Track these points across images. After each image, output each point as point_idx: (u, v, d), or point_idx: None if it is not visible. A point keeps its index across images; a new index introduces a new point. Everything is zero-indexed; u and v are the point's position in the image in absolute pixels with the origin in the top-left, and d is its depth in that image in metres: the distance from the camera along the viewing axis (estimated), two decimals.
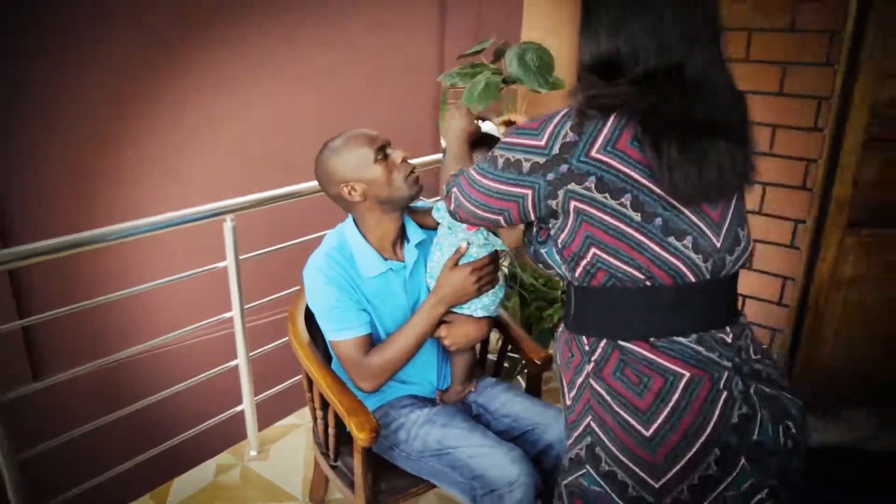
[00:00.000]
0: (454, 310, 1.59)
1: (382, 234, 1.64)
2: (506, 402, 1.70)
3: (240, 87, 3.98)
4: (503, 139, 1.05)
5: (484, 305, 1.61)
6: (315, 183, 1.66)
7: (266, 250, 2.25)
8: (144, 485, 2.17)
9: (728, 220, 1.01)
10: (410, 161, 1.61)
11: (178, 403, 2.38)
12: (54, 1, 3.27)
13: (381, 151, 1.56)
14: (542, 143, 0.97)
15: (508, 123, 1.55)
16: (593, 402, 1.00)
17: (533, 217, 1.04)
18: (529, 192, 1.00)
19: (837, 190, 2.32)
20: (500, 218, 1.08)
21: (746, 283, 2.47)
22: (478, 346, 1.79)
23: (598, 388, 1.00)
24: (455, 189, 1.16)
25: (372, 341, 1.60)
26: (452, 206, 1.18)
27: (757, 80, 2.27)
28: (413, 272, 1.67)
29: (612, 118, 0.94)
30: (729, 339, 0.99)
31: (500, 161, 1.03)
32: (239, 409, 2.32)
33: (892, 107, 2.22)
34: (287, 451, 2.36)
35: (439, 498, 2.11)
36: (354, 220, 1.65)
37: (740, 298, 2.50)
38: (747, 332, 1.05)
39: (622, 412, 0.97)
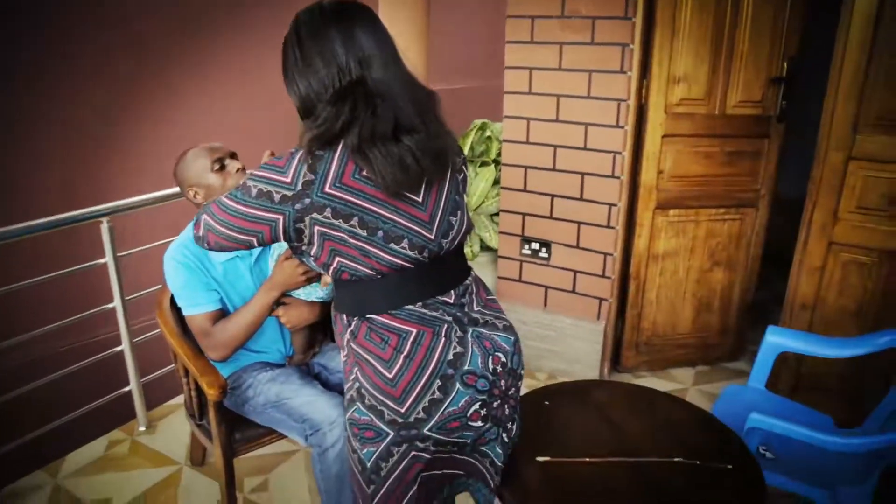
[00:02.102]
0: (293, 294, 1.91)
1: None
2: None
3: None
4: (254, 172, 1.22)
5: (319, 296, 1.93)
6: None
7: (141, 248, 2.53)
8: (40, 461, 2.42)
9: (439, 214, 1.28)
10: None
11: (76, 392, 2.64)
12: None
13: (219, 162, 1.87)
14: (289, 179, 1.18)
15: None
16: (355, 359, 1.32)
17: (282, 238, 1.24)
18: (281, 217, 1.20)
19: (644, 177, 2.75)
20: (254, 239, 1.25)
21: (575, 260, 2.88)
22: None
23: (356, 348, 1.31)
24: (205, 216, 1.29)
25: (221, 316, 1.90)
26: (201, 232, 1.31)
27: (570, 86, 2.68)
28: (258, 259, 1.98)
29: (336, 156, 1.17)
30: (451, 300, 1.31)
31: (254, 190, 1.20)
32: (126, 389, 2.59)
33: (679, 107, 2.66)
34: (174, 425, 2.64)
35: (285, 445, 2.44)
36: None
37: (572, 273, 2.91)
38: (471, 290, 1.37)
39: (374, 362, 1.28)
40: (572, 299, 2.95)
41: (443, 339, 1.27)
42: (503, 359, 1.33)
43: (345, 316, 1.34)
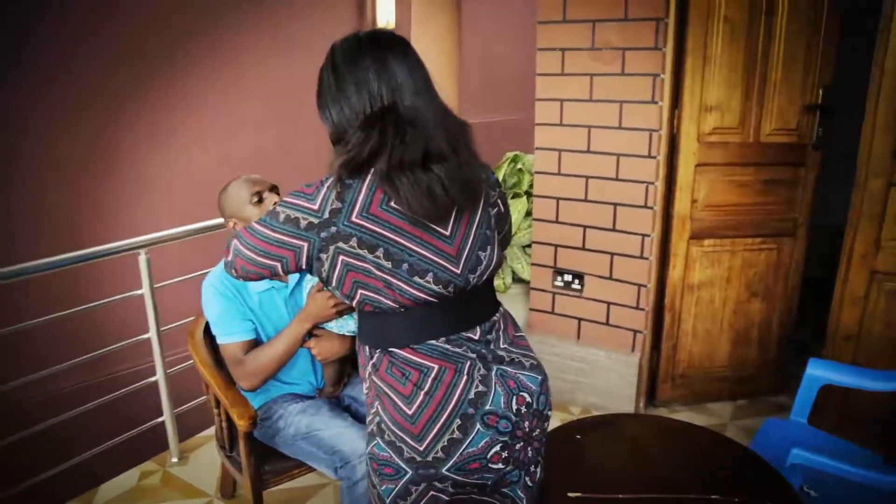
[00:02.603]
0: (326, 327, 1.92)
1: None
2: None
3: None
4: (284, 198, 1.24)
5: (350, 329, 1.93)
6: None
7: (178, 279, 2.57)
8: (73, 492, 2.44)
9: (467, 249, 1.25)
10: None
11: (108, 422, 2.68)
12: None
13: (258, 195, 1.90)
14: (316, 207, 1.19)
15: None
16: (376, 392, 1.28)
17: (304, 266, 1.24)
18: (306, 244, 1.20)
19: (678, 207, 2.71)
20: (278, 264, 1.25)
21: (608, 291, 2.84)
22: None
23: (377, 382, 1.28)
24: (235, 241, 1.31)
25: (253, 347, 1.91)
26: (230, 257, 1.32)
27: (601, 117, 2.67)
28: (294, 291, 2.00)
29: (365, 185, 1.18)
30: (476, 336, 1.27)
31: (282, 216, 1.21)
32: (160, 420, 2.61)
33: (712, 135, 2.63)
34: (205, 457, 2.65)
35: (315, 479, 2.42)
36: None
37: (605, 305, 2.87)
38: (498, 326, 1.33)
39: (394, 397, 1.25)
40: (606, 331, 2.90)
41: (464, 377, 1.24)
42: (528, 399, 1.29)
43: (367, 348, 1.32)
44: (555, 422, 2.88)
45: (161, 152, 4.43)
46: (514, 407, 1.26)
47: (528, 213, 3.41)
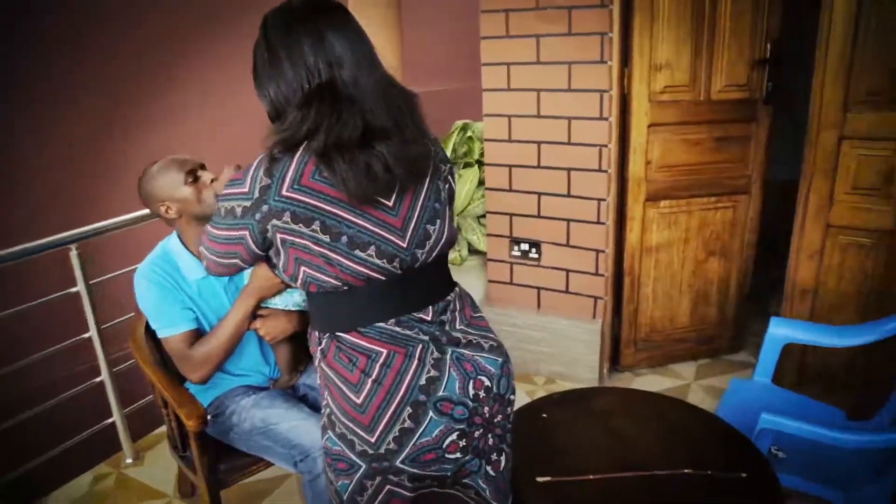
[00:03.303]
0: (269, 304, 1.82)
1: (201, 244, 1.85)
2: None
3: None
4: (222, 193, 1.20)
5: (296, 302, 1.83)
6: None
7: (113, 274, 2.43)
8: (22, 501, 2.31)
9: (413, 221, 1.18)
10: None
11: (58, 427, 2.54)
12: None
13: (192, 174, 1.78)
14: (246, 189, 1.13)
15: None
16: (326, 381, 1.22)
17: (258, 251, 1.20)
18: (246, 231, 1.16)
19: (632, 169, 2.67)
20: (236, 259, 1.24)
21: (567, 258, 2.80)
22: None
23: (326, 370, 1.21)
24: (202, 247, 1.31)
25: (197, 337, 1.80)
26: (204, 263, 1.33)
27: (550, 80, 2.59)
28: (233, 276, 1.88)
29: (295, 158, 1.10)
30: (428, 317, 1.20)
31: (222, 211, 1.18)
32: (109, 421, 2.49)
33: (663, 94, 2.58)
34: (162, 456, 2.54)
35: (278, 470, 2.34)
36: (177, 233, 1.87)
37: (564, 273, 2.83)
38: (454, 306, 1.26)
39: (342, 386, 1.18)
40: (566, 299, 2.87)
41: (415, 362, 1.17)
42: (487, 383, 1.23)
43: (317, 333, 1.25)
44: (520, 393, 2.86)
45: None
46: (472, 392, 1.20)
47: (481, 183, 3.33)
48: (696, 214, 2.77)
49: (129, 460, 2.52)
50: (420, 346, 1.19)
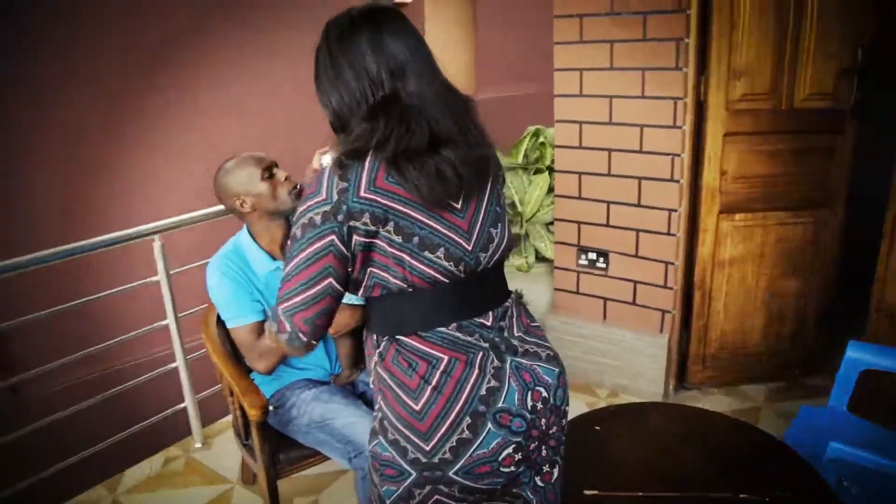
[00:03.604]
0: None
1: (271, 239, 1.93)
2: None
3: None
4: (297, 214, 1.15)
5: (360, 297, 1.87)
6: None
7: (193, 265, 2.54)
8: (98, 477, 2.46)
9: (479, 224, 1.19)
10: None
11: (132, 408, 2.70)
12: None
13: (268, 171, 1.86)
14: (324, 195, 1.11)
15: None
16: (381, 385, 1.20)
17: (348, 253, 1.13)
18: (333, 235, 1.11)
19: (706, 180, 2.58)
20: (329, 279, 1.14)
21: (635, 269, 2.73)
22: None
23: (382, 374, 1.19)
24: (279, 307, 1.17)
25: (263, 328, 1.88)
26: (289, 325, 1.17)
27: (623, 86, 2.55)
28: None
29: (366, 162, 1.11)
30: (489, 323, 1.19)
31: (299, 231, 1.13)
32: (181, 406, 2.61)
33: (742, 103, 2.49)
34: (228, 442, 2.64)
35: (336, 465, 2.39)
36: (248, 228, 1.95)
37: (632, 284, 2.77)
38: (511, 312, 1.25)
39: (399, 391, 1.16)
40: (633, 311, 2.80)
41: (476, 371, 1.15)
42: (545, 394, 1.20)
43: (375, 336, 1.24)
44: (581, 405, 2.82)
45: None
46: (530, 404, 1.17)
47: (551, 190, 3.30)
48: (774, 229, 2.65)
49: (197, 444, 2.64)
50: (480, 353, 1.17)
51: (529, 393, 1.18)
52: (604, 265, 2.83)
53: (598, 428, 1.53)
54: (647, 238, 2.68)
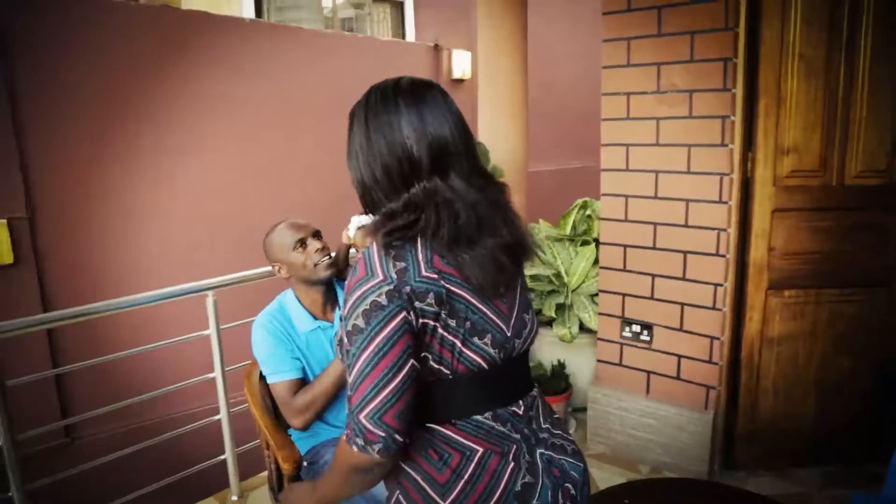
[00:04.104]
0: None
1: (312, 301, 2.01)
2: None
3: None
4: (348, 304, 1.06)
5: None
6: None
7: (242, 321, 2.63)
8: None
9: (515, 310, 1.16)
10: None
11: (179, 455, 2.76)
12: None
13: (301, 242, 1.95)
14: (381, 277, 1.03)
15: None
16: (398, 478, 1.13)
17: (417, 325, 1.05)
18: (403, 311, 1.03)
19: (753, 255, 2.55)
20: (412, 361, 1.04)
21: (679, 343, 2.69)
22: None
23: (403, 466, 1.12)
24: (360, 416, 1.04)
25: (301, 386, 1.93)
26: (381, 431, 1.03)
27: (669, 161, 2.58)
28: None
29: (419, 243, 1.06)
30: (520, 412, 1.15)
31: (361, 321, 1.03)
32: (221, 458, 2.66)
33: (790, 179, 2.48)
34: (264, 497, 2.67)
35: None
36: (292, 288, 2.03)
37: (676, 358, 2.71)
38: (538, 402, 1.22)
39: (425, 485, 1.09)
40: (677, 386, 2.74)
41: (511, 464, 1.09)
42: (573, 491, 1.15)
43: None
44: (621, 481, 2.72)
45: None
46: (560, 501, 1.13)
47: (597, 261, 3.31)
48: (826, 306, 2.58)
49: (234, 497, 2.67)
50: (514, 446, 1.13)
51: (560, 490, 1.14)
52: (648, 338, 2.79)
53: (626, 501, 1.49)
54: (693, 312, 2.64)
